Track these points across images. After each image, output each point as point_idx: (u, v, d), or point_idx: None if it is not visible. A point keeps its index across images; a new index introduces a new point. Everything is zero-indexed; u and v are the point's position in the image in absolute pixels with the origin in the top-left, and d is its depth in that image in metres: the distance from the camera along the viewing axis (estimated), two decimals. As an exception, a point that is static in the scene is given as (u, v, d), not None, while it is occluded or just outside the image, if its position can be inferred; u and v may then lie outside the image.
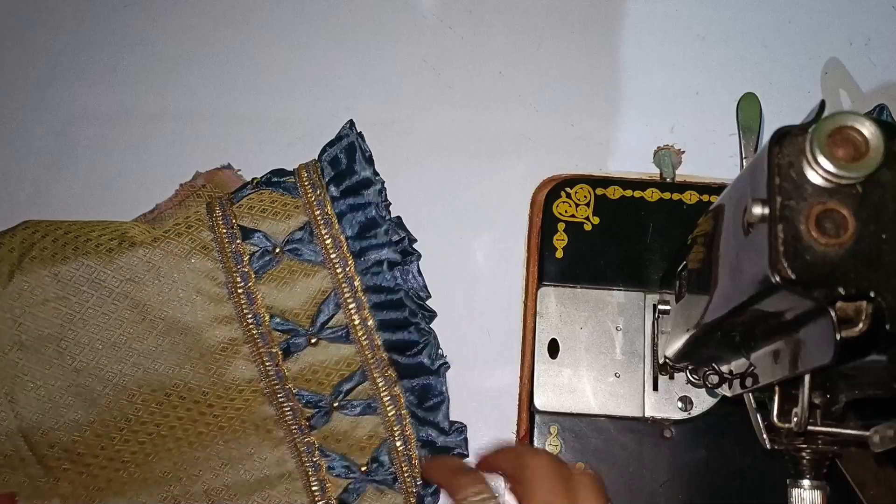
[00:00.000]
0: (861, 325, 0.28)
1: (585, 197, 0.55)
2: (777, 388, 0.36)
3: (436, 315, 0.53)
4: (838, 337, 0.28)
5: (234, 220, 0.52)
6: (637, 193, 0.55)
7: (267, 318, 0.51)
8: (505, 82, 0.60)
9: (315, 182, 0.53)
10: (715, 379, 0.42)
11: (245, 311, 0.51)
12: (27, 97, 0.59)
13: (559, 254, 0.54)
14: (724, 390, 0.42)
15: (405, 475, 0.51)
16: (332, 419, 0.51)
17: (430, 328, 0.53)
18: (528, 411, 0.51)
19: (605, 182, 0.55)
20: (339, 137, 0.54)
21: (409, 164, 0.57)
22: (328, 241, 0.52)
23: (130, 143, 0.58)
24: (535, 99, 0.59)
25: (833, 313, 0.28)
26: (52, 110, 0.59)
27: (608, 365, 0.51)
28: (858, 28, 0.60)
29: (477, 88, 0.60)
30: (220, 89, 0.59)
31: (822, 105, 0.35)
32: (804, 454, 0.38)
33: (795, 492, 0.39)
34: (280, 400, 0.51)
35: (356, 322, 0.51)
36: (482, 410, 0.53)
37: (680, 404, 0.50)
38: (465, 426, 0.52)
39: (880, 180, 0.29)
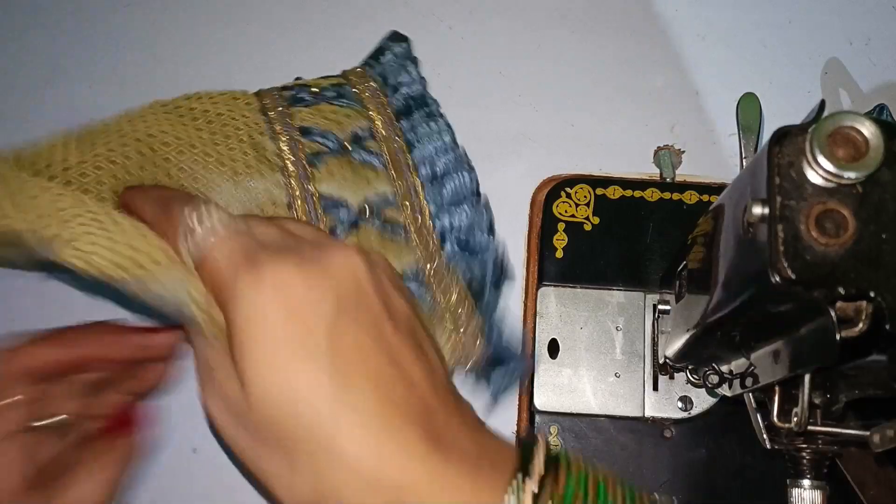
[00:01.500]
0: (861, 325, 0.28)
1: (585, 197, 0.55)
2: (777, 388, 0.36)
3: None
4: (838, 337, 0.28)
5: (291, 121, 0.49)
6: (637, 193, 0.55)
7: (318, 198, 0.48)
8: (505, 82, 0.60)
9: (374, 90, 0.51)
10: (715, 379, 0.42)
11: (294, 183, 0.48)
12: (27, 97, 0.59)
13: (559, 254, 0.54)
14: (724, 390, 0.42)
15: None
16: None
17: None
18: (528, 411, 0.51)
19: (605, 182, 0.55)
20: (389, 47, 0.53)
21: (409, 164, 0.57)
22: (389, 150, 0.49)
23: (130, 143, 0.58)
24: (535, 99, 0.59)
25: (833, 313, 0.28)
26: (52, 110, 0.59)
27: (608, 365, 0.51)
28: (858, 28, 0.60)
29: (477, 88, 0.60)
30: (220, 89, 0.59)
31: (822, 105, 0.35)
32: (804, 454, 0.38)
33: (795, 492, 0.39)
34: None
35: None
36: (482, 410, 0.53)
37: (680, 404, 0.50)
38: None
39: (880, 180, 0.29)
